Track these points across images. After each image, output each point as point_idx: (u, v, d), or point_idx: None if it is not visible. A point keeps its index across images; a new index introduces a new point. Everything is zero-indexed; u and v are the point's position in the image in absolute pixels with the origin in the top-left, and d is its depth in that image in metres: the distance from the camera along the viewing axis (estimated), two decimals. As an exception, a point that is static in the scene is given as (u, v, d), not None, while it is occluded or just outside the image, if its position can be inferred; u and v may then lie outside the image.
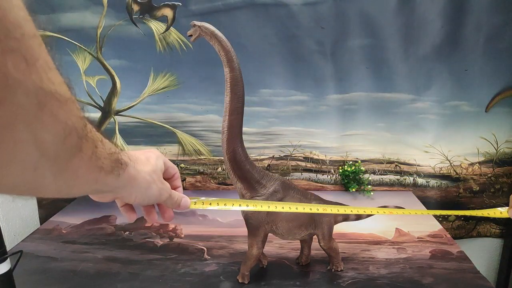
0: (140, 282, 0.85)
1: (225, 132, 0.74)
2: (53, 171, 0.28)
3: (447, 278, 0.87)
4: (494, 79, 1.25)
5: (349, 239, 1.05)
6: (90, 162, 0.32)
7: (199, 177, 1.41)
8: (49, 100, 0.25)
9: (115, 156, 0.36)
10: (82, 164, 0.31)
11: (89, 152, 0.31)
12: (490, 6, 1.15)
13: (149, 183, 0.44)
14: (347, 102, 1.30)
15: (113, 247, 1.01)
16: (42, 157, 0.26)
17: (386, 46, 1.21)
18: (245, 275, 0.83)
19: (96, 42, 1.25)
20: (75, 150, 0.29)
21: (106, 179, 0.36)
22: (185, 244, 1.03)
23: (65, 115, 0.27)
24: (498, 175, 1.35)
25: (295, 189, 0.81)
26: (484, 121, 1.30)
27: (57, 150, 0.27)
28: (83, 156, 0.31)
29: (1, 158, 0.24)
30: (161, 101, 1.32)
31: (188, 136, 1.37)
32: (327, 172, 1.40)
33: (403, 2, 1.16)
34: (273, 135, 1.36)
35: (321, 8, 1.17)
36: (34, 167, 0.26)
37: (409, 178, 1.39)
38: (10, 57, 0.22)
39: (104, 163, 0.34)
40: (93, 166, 0.33)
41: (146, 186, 0.44)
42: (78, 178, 0.32)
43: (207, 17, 1.19)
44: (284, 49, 1.23)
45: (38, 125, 0.25)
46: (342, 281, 0.85)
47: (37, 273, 0.88)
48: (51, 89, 0.25)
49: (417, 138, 1.34)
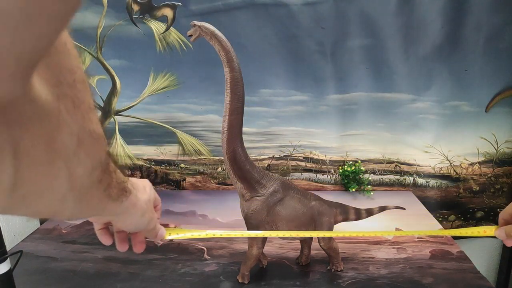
0: (140, 282, 0.85)
1: (225, 132, 0.74)
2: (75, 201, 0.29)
3: (447, 278, 0.87)
4: (494, 79, 1.25)
5: (349, 239, 1.05)
6: (104, 192, 0.34)
7: (199, 177, 1.41)
8: (86, 138, 0.27)
9: (123, 185, 0.38)
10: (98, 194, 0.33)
11: (105, 184, 0.33)
12: (490, 6, 1.15)
13: (144, 212, 0.46)
14: (347, 102, 1.30)
15: (113, 247, 1.01)
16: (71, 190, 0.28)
17: (386, 46, 1.21)
18: (245, 275, 0.83)
19: (96, 42, 1.25)
20: (97, 182, 0.31)
21: (111, 206, 0.37)
22: (185, 244, 1.03)
23: (96, 152, 0.29)
24: (498, 175, 1.35)
25: (295, 189, 0.81)
26: (484, 121, 1.30)
27: (83, 183, 0.29)
28: (100, 187, 0.32)
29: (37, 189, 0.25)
30: (161, 101, 1.32)
31: (188, 136, 1.37)
32: (327, 172, 1.40)
33: (403, 2, 1.16)
34: (273, 135, 1.36)
35: (321, 8, 1.17)
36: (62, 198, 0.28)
37: (409, 178, 1.39)
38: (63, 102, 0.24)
39: (113, 192, 0.35)
40: (105, 195, 0.34)
41: (141, 214, 0.45)
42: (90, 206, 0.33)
43: (207, 17, 1.19)
44: (284, 49, 1.23)
45: (75, 161, 0.26)
46: (342, 281, 0.85)
47: (37, 273, 0.88)
48: (90, 128, 0.27)
49: (417, 138, 1.34)
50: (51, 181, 0.25)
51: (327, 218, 0.83)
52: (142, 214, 0.45)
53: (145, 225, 0.48)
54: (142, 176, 1.41)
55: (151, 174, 1.41)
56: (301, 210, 0.80)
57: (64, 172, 0.26)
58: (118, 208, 0.39)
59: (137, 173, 1.41)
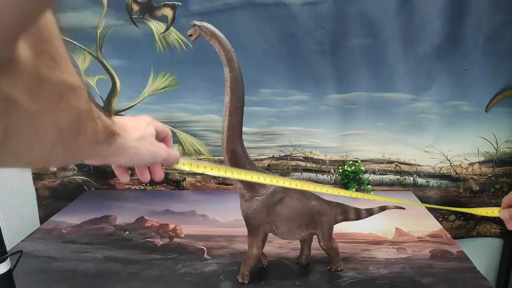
0: (140, 282, 0.85)
1: (225, 132, 0.74)
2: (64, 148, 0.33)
3: (447, 278, 0.87)
4: (494, 79, 1.25)
5: (349, 239, 1.05)
6: (90, 137, 0.36)
7: (199, 177, 1.41)
8: (66, 90, 0.30)
9: (110, 129, 0.40)
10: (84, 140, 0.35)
11: (91, 130, 0.35)
12: (490, 6, 1.15)
13: (138, 149, 0.48)
14: (347, 101, 1.30)
15: (113, 247, 1.01)
16: (58, 139, 0.31)
17: (386, 46, 1.21)
18: (245, 275, 0.83)
19: (96, 42, 1.25)
20: (82, 130, 0.34)
21: (100, 148, 0.40)
22: (185, 244, 1.03)
23: (78, 101, 0.31)
24: (498, 175, 1.35)
25: (295, 189, 0.81)
26: (484, 121, 1.30)
27: (69, 131, 0.32)
28: (86, 133, 0.35)
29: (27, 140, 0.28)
30: (161, 101, 1.32)
31: (188, 136, 1.37)
32: (327, 172, 1.40)
33: (403, 2, 1.16)
34: (273, 135, 1.36)
35: (321, 8, 1.17)
36: (51, 147, 0.31)
37: (409, 178, 1.39)
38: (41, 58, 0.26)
39: (100, 136, 0.38)
40: (93, 141, 0.37)
41: (135, 152, 0.48)
42: (80, 151, 0.37)
43: (207, 17, 1.19)
44: (284, 49, 1.23)
45: (58, 112, 0.29)
46: (342, 281, 0.85)
47: (37, 273, 0.88)
48: (69, 80, 0.30)
49: (417, 138, 1.34)
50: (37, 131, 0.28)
51: (327, 218, 0.83)
52: (137, 152, 0.48)
53: (148, 159, 0.51)
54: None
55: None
56: (301, 210, 0.80)
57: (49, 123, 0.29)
58: (107, 150, 0.42)
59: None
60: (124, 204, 1.29)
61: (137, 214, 1.20)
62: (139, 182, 1.42)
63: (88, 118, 0.34)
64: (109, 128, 0.40)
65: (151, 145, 0.51)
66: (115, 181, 1.42)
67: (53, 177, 1.40)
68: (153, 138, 0.53)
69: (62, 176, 1.40)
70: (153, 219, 1.18)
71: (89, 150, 0.38)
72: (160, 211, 1.24)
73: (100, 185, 1.42)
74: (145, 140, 0.50)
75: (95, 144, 0.38)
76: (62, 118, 0.30)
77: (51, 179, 1.40)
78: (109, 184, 1.42)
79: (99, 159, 0.46)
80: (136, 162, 0.50)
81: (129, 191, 1.41)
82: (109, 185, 1.42)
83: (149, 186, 1.42)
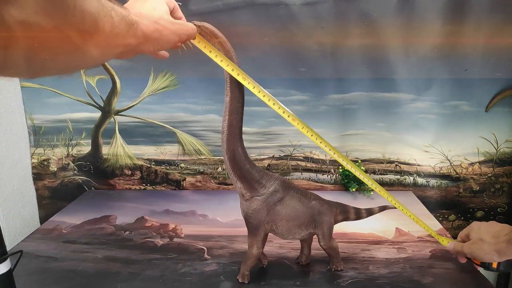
0: (140, 282, 0.85)
1: (225, 132, 0.74)
2: (96, 52, 0.37)
3: (447, 278, 0.87)
4: (494, 79, 1.25)
5: (349, 239, 1.05)
6: (110, 34, 0.39)
7: (199, 177, 1.41)
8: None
9: (126, 19, 0.42)
10: (105, 37, 0.38)
11: (108, 26, 0.38)
12: (490, 6, 1.15)
13: (160, 32, 0.49)
14: (347, 102, 1.30)
15: (113, 247, 1.01)
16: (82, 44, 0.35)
17: (386, 46, 1.21)
18: (245, 274, 0.83)
19: (96, 42, 1.25)
20: (101, 28, 0.37)
21: (125, 41, 0.42)
22: (185, 244, 1.03)
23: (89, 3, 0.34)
24: (498, 175, 1.35)
25: (295, 189, 0.81)
26: (484, 121, 1.30)
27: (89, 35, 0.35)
28: (105, 30, 0.37)
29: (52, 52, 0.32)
30: (161, 101, 1.32)
31: (188, 136, 1.37)
32: (327, 172, 1.40)
33: (403, 2, 1.16)
34: (273, 135, 1.36)
35: (321, 8, 1.17)
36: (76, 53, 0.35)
37: (409, 178, 1.39)
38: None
39: (120, 30, 0.40)
40: (115, 36, 0.39)
41: (158, 35, 0.49)
42: (105, 48, 0.40)
43: (207, 17, 1.18)
44: (284, 49, 1.23)
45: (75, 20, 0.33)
46: (342, 281, 0.85)
47: (37, 273, 0.88)
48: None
49: (417, 138, 1.34)
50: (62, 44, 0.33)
51: (327, 218, 0.83)
52: (160, 34, 0.49)
53: (173, 39, 0.52)
54: (142, 177, 1.41)
55: (151, 174, 1.41)
56: (301, 209, 0.80)
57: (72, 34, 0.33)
58: (134, 40, 0.44)
59: (137, 173, 1.41)
60: (124, 204, 1.29)
61: (137, 214, 1.20)
62: (139, 182, 1.42)
63: (102, 16, 0.36)
64: (125, 18, 0.41)
65: (171, 24, 0.52)
66: (115, 181, 1.42)
67: (53, 177, 1.40)
68: (169, 15, 0.53)
69: (62, 176, 1.40)
70: (153, 219, 1.18)
71: (115, 45, 0.41)
72: (160, 211, 1.24)
73: (100, 185, 1.42)
74: (163, 20, 0.51)
75: (118, 38, 0.40)
76: (80, 25, 0.33)
77: (51, 179, 1.40)
78: (109, 184, 1.42)
79: (128, 52, 0.48)
80: (163, 45, 0.51)
81: (129, 191, 1.41)
82: (109, 185, 1.42)
83: (149, 186, 1.42)
